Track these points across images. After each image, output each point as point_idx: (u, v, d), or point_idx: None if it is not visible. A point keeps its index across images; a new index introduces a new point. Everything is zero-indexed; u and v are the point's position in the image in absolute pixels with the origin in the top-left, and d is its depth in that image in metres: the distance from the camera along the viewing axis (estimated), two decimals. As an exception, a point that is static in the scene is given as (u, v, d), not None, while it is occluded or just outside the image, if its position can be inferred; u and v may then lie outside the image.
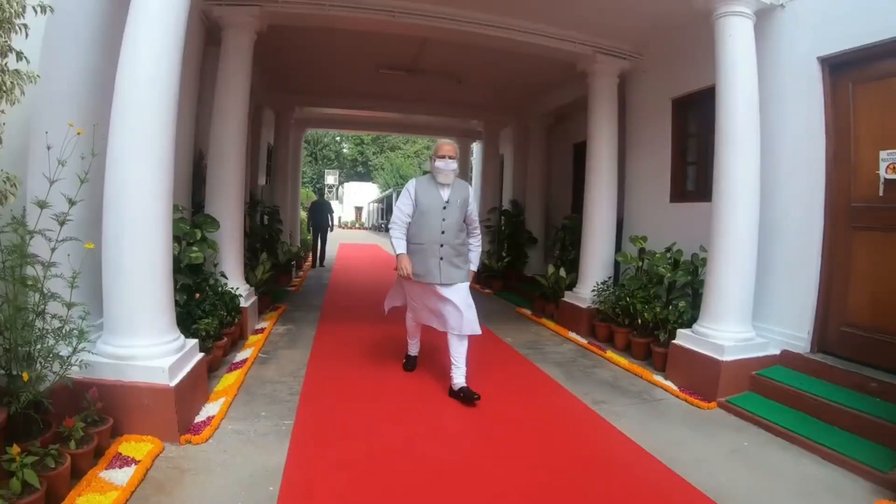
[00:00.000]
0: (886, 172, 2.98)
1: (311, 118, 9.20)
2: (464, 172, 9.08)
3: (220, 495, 1.84)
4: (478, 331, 2.90)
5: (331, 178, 34.69)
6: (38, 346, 1.82)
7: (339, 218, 31.59)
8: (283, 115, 7.83)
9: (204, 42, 4.15)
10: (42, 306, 1.83)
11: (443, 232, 2.90)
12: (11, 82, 1.69)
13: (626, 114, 5.01)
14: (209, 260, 3.33)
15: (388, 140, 34.72)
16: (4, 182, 1.75)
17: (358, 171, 38.78)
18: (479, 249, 3.16)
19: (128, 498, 1.81)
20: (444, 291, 2.86)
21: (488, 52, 4.93)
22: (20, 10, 1.78)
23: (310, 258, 9.80)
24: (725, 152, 3.28)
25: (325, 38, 4.91)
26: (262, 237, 5.95)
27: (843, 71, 3.23)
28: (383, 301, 3.33)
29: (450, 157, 2.93)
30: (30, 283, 1.80)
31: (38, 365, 1.84)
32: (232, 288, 3.62)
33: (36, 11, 1.82)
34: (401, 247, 2.93)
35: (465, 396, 2.84)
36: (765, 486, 2.18)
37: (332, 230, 10.11)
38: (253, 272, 4.53)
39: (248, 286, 4.15)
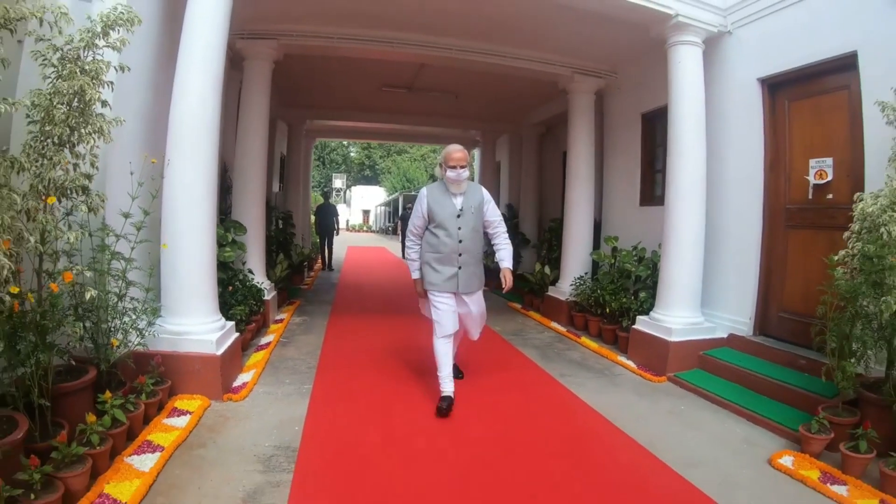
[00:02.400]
0: (814, 178, 3.49)
1: (320, 129, 9.85)
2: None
3: (258, 433, 2.43)
4: (476, 336, 3.14)
5: (338, 182, 35.36)
6: (122, 321, 2.42)
7: (347, 221, 32.18)
8: (296, 127, 8.48)
9: (228, 67, 4.77)
10: (124, 291, 2.43)
11: (460, 241, 2.85)
12: (104, 126, 2.29)
13: (604, 126, 5.54)
14: (238, 259, 3.94)
15: (395, 144, 35.38)
16: (97, 197, 2.35)
17: (365, 174, 39.50)
18: (510, 247, 3.03)
19: (187, 436, 2.40)
20: (462, 300, 2.91)
21: (480, 73, 5.50)
22: (106, 69, 2.39)
23: (319, 261, 10.20)
24: (676, 162, 3.81)
25: (332, 62, 5.51)
26: (277, 240, 6.56)
27: (780, 90, 3.75)
28: (389, 298, 3.79)
29: (461, 167, 2.85)
30: (115, 273, 2.40)
31: (120, 334, 2.43)
32: (257, 283, 4.23)
33: (117, 70, 2.42)
34: (415, 269, 2.95)
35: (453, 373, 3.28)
36: (688, 437, 2.70)
37: (337, 234, 10.11)
38: (272, 270, 5.14)
39: (269, 282, 4.77)
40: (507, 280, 2.94)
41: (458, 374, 3.28)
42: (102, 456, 2.07)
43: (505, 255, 2.98)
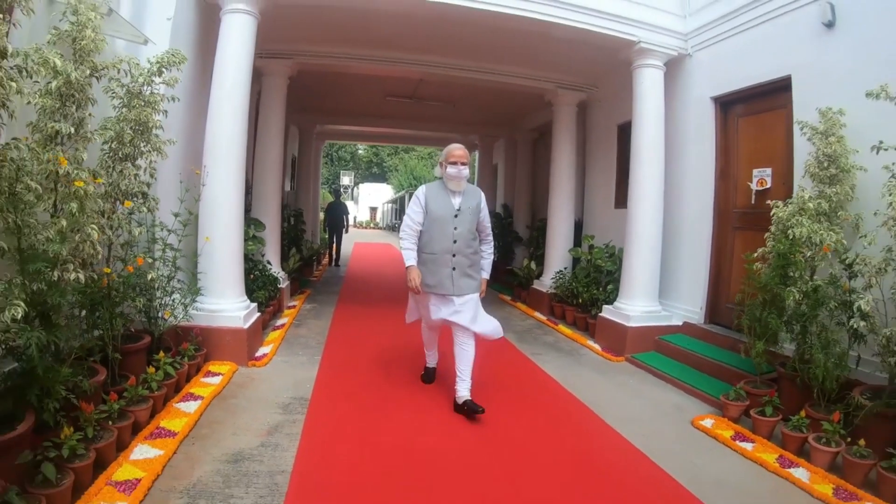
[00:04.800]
0: (756, 186, 4.02)
1: (329, 132, 10.49)
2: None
3: (278, 388, 3.06)
4: (495, 335, 2.89)
5: (346, 180, 35.92)
6: (172, 298, 3.05)
7: (354, 218, 32.79)
8: (306, 131, 9.11)
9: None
10: (174, 274, 3.05)
11: (455, 241, 2.80)
12: (161, 146, 2.90)
13: (586, 135, 6.07)
14: (258, 251, 4.57)
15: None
16: (153, 201, 2.97)
17: (373, 172, 40.07)
18: (492, 258, 3.05)
19: (221, 390, 3.02)
20: (457, 303, 2.80)
21: (474, 86, 6.05)
22: (161, 100, 2.99)
23: (326, 257, 10.38)
24: (637, 170, 4.36)
25: (340, 76, 6.11)
26: (289, 236, 7.19)
27: (730, 107, 4.27)
28: (392, 291, 4.28)
29: (462, 164, 2.81)
30: (167, 261, 3.03)
31: (169, 309, 3.06)
32: (274, 272, 4.86)
33: (169, 101, 3.03)
34: (410, 258, 2.83)
35: (469, 411, 2.75)
36: (629, 402, 3.26)
37: (346, 231, 10.14)
38: (286, 262, 5.78)
39: (283, 273, 5.40)
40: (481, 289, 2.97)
41: (473, 413, 2.76)
42: (159, 399, 2.69)
43: (486, 266, 3.00)
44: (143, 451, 2.27)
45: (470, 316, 2.81)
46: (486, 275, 3.02)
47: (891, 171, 2.62)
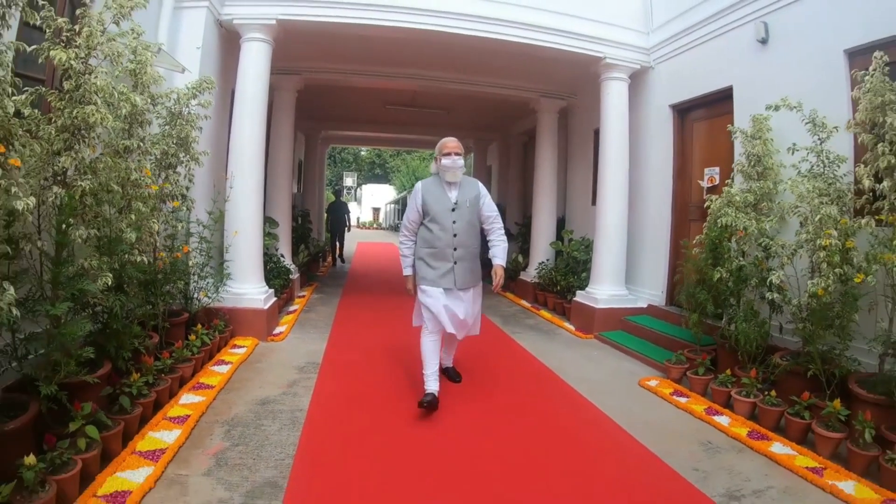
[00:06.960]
0: (706, 183, 4.58)
1: (333, 137, 11.13)
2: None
3: (294, 356, 3.68)
4: (476, 332, 3.06)
5: (349, 180, 36.51)
6: (206, 282, 3.67)
7: (357, 218, 33.39)
8: (312, 138, 9.75)
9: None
10: (207, 262, 3.68)
11: (455, 235, 2.81)
12: (199, 157, 3.53)
13: (568, 139, 6.66)
14: (272, 246, 5.21)
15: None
16: (191, 201, 3.60)
17: (375, 173, 40.69)
18: (504, 244, 2.97)
19: (246, 358, 3.63)
20: (459, 296, 2.84)
21: (466, 95, 6.66)
22: (197, 119, 3.61)
23: (330, 257, 10.60)
24: (605, 171, 4.93)
25: (343, 88, 6.73)
26: (297, 233, 7.81)
27: (686, 114, 4.84)
28: (392, 285, 4.84)
29: (456, 154, 2.81)
30: (203, 251, 3.65)
31: (204, 290, 3.69)
32: (287, 264, 5.49)
33: (204, 119, 3.66)
34: (408, 266, 2.94)
35: (451, 376, 3.25)
36: (589, 368, 3.84)
37: (349, 230, 10.76)
38: (296, 257, 6.42)
39: (294, 266, 6.04)
40: (497, 277, 2.92)
41: (455, 378, 3.19)
42: (198, 362, 3.31)
43: (498, 252, 2.94)
44: (189, 398, 2.89)
45: (475, 312, 2.97)
46: (500, 261, 2.94)
47: (797, 169, 3.19)
